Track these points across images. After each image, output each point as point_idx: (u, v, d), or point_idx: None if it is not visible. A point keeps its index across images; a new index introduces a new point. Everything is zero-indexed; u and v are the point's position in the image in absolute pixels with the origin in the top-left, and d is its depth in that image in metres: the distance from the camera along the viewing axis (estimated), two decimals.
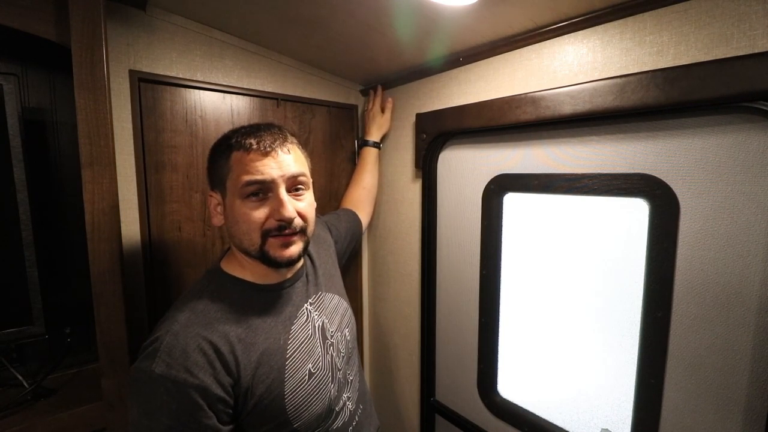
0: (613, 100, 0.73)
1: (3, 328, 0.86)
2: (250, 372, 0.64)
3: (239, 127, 0.71)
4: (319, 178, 1.32)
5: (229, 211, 0.68)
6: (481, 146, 1.04)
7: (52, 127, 0.99)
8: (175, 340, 0.60)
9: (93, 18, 0.76)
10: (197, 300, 0.66)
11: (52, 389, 0.89)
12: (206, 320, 0.64)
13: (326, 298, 0.83)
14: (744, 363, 0.65)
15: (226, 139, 0.70)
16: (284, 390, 0.66)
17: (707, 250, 0.68)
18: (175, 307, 0.67)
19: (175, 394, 0.56)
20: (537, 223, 0.97)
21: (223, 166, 0.68)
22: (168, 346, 0.59)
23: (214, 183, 0.71)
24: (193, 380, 0.57)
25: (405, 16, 0.85)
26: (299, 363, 0.70)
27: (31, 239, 0.88)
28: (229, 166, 0.67)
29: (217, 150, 0.70)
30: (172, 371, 0.57)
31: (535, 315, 1.00)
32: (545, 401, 0.97)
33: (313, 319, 0.77)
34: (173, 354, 0.58)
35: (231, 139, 0.68)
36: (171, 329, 0.61)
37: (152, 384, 0.57)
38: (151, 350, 0.59)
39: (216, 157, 0.70)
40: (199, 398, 0.57)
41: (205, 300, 0.66)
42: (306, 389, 0.69)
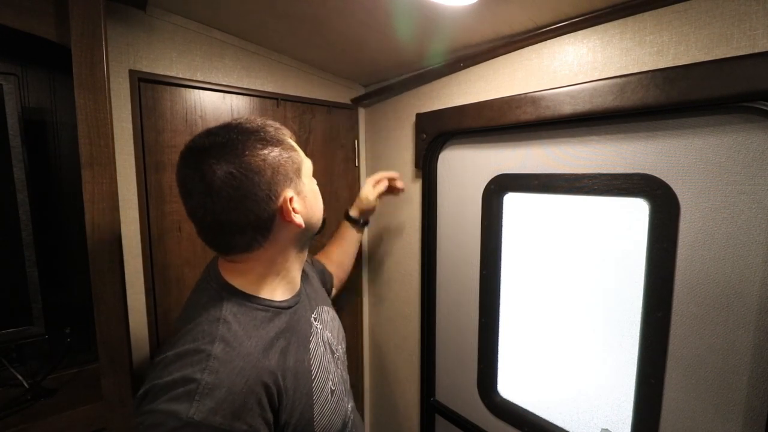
0: (613, 100, 0.73)
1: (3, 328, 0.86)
2: (289, 402, 0.58)
3: (244, 121, 0.62)
4: (319, 178, 1.30)
5: (310, 198, 0.65)
6: (481, 146, 1.04)
7: (52, 127, 0.99)
8: (217, 380, 0.50)
9: (93, 18, 0.76)
10: (221, 325, 0.56)
11: (52, 389, 0.89)
12: (245, 352, 0.54)
13: (324, 310, 0.80)
14: (744, 363, 0.65)
15: (271, 132, 0.61)
16: (313, 413, 0.62)
17: (707, 250, 0.68)
18: (195, 335, 0.55)
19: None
20: (537, 223, 0.97)
21: (294, 158, 0.62)
22: (209, 387, 0.49)
23: (287, 181, 0.61)
24: (242, 426, 0.49)
25: (405, 16, 0.85)
26: (322, 383, 0.66)
27: (31, 239, 0.88)
28: (297, 153, 0.64)
29: (276, 146, 0.60)
30: (218, 417, 0.48)
31: (535, 315, 1.00)
32: (545, 401, 0.97)
33: (321, 334, 0.73)
34: (217, 396, 0.49)
35: (270, 130, 0.62)
36: (209, 367, 0.50)
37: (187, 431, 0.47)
38: (184, 391, 0.48)
39: (283, 155, 0.61)
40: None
41: (231, 326, 0.56)
42: (330, 408, 0.65)
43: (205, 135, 0.58)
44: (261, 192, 0.57)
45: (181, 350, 0.53)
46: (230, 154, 0.55)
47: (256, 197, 0.56)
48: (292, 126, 1.23)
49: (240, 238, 0.59)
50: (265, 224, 0.59)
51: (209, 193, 0.55)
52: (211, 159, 0.55)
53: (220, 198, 0.55)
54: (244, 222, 0.57)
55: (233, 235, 0.59)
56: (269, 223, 0.59)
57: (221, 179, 0.54)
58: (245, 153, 0.56)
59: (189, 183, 0.57)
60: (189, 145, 0.58)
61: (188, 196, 0.58)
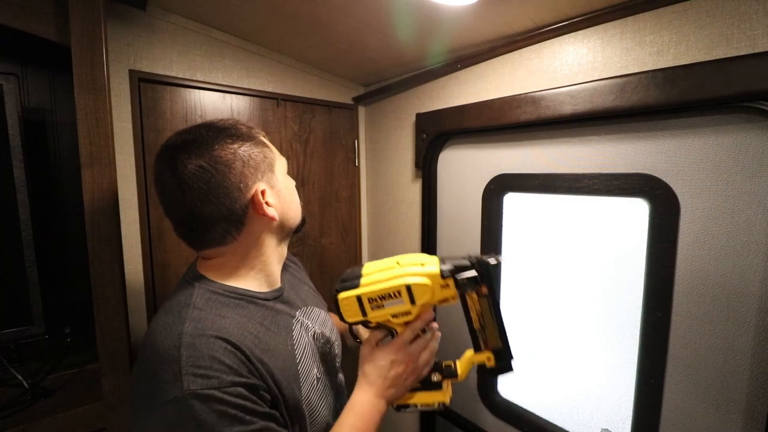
0: (613, 100, 0.73)
1: (3, 328, 0.86)
2: (277, 376, 0.58)
3: (216, 120, 0.63)
4: (319, 178, 1.32)
5: (284, 194, 0.66)
6: (481, 146, 1.04)
7: (52, 127, 0.99)
8: (194, 351, 0.50)
9: (93, 18, 0.76)
10: (193, 310, 0.56)
11: (52, 389, 0.89)
12: (217, 327, 0.55)
13: (315, 311, 0.78)
14: (744, 363, 0.65)
15: (242, 129, 0.63)
16: (302, 394, 0.62)
17: (707, 250, 0.68)
18: (165, 324, 0.55)
19: (225, 400, 0.49)
20: (537, 223, 0.97)
21: (266, 153, 0.64)
22: (190, 359, 0.49)
23: (258, 174, 0.62)
24: (238, 378, 0.51)
25: (405, 16, 0.85)
26: (308, 368, 0.66)
27: (31, 239, 0.88)
28: (269, 149, 0.65)
29: (246, 141, 0.62)
30: (213, 380, 0.49)
31: (535, 315, 1.00)
32: (545, 401, 0.97)
33: (308, 327, 0.72)
34: (201, 364, 0.49)
35: (242, 128, 0.63)
36: (182, 343, 0.51)
37: (193, 407, 0.47)
38: (170, 373, 0.49)
39: (254, 149, 0.62)
40: (249, 393, 0.51)
41: (201, 311, 0.57)
42: (317, 393, 0.66)
43: (177, 134, 0.60)
44: (231, 184, 0.58)
45: (156, 345, 0.53)
46: (200, 149, 0.57)
47: (227, 189, 0.58)
48: (292, 126, 1.23)
49: (213, 231, 0.60)
50: (237, 217, 0.60)
51: (181, 187, 0.57)
52: (182, 154, 0.57)
53: (191, 191, 0.57)
54: (216, 214, 0.58)
55: (207, 228, 0.60)
56: (242, 215, 0.60)
57: (192, 172, 0.56)
58: (215, 147, 0.58)
59: (162, 178, 0.59)
60: (162, 144, 0.61)
61: (162, 191, 0.60)
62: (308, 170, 1.29)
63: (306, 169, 1.28)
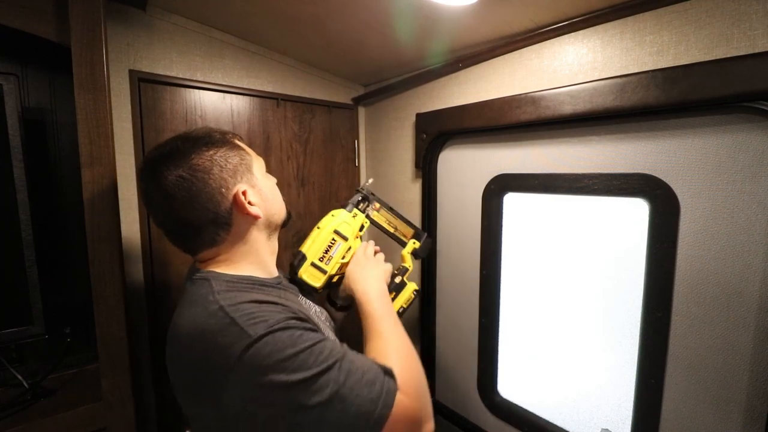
0: (613, 100, 0.73)
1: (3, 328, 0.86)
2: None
3: (190, 130, 0.66)
4: (319, 178, 1.32)
5: (265, 192, 0.68)
6: (481, 146, 1.04)
7: (52, 127, 0.99)
8: (242, 311, 0.52)
9: (93, 18, 0.76)
10: (217, 294, 0.57)
11: (52, 389, 0.89)
12: (246, 298, 0.56)
13: (311, 304, 0.80)
14: (744, 363, 0.65)
15: (216, 136, 0.65)
16: None
17: (707, 250, 0.68)
18: (197, 313, 0.55)
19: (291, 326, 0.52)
20: (537, 223, 0.97)
21: (242, 155, 0.66)
22: (243, 317, 0.51)
23: (237, 176, 0.64)
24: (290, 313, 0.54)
25: (405, 16, 0.85)
26: (326, 331, 0.68)
27: (31, 239, 0.87)
28: (245, 152, 0.67)
29: (221, 146, 0.64)
30: (271, 320, 0.51)
31: (535, 315, 1.00)
32: (545, 401, 0.97)
33: (310, 304, 0.77)
34: (254, 316, 0.51)
35: (216, 134, 0.66)
36: (227, 311, 0.52)
37: (267, 344, 0.49)
38: (230, 336, 0.50)
39: (229, 153, 0.64)
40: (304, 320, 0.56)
41: (228, 292, 0.58)
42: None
43: (155, 148, 0.63)
44: (212, 189, 0.61)
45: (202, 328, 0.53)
46: (178, 160, 0.60)
47: (209, 194, 0.60)
48: (292, 126, 1.23)
49: (203, 234, 0.63)
50: (224, 219, 0.62)
51: (166, 198, 0.60)
52: (162, 167, 0.60)
53: (175, 200, 0.60)
54: (203, 219, 0.61)
55: (196, 233, 0.62)
56: (228, 217, 0.63)
57: (173, 183, 0.59)
58: (192, 156, 0.60)
59: (147, 192, 0.62)
60: (143, 160, 0.64)
61: (149, 204, 0.63)
62: (308, 170, 1.29)
63: (306, 169, 1.28)
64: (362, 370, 0.52)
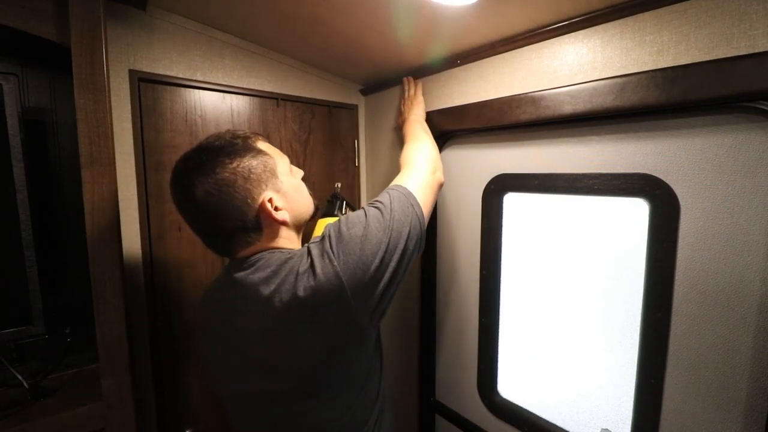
0: (613, 100, 0.73)
1: (3, 328, 0.86)
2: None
3: (213, 140, 0.67)
4: (319, 178, 1.32)
5: (291, 193, 0.70)
6: (481, 146, 1.04)
7: (52, 127, 0.99)
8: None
9: (93, 18, 0.76)
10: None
11: (52, 389, 0.89)
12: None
13: None
14: (744, 363, 0.65)
15: (238, 144, 0.66)
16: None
17: (707, 250, 0.67)
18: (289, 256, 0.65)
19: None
20: (537, 223, 0.97)
21: (265, 162, 0.67)
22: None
23: (261, 185, 0.65)
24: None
25: (405, 16, 0.85)
26: None
27: (31, 239, 0.87)
28: (268, 156, 0.68)
29: (244, 156, 0.65)
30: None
31: (535, 315, 1.00)
32: (545, 401, 0.97)
33: None
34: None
35: (238, 141, 0.66)
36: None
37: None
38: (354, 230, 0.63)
39: (252, 162, 0.65)
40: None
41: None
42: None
43: (182, 161, 0.66)
44: (239, 201, 0.63)
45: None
46: (204, 175, 0.62)
47: (236, 206, 0.63)
48: (292, 126, 1.23)
49: (235, 239, 0.66)
50: (253, 225, 0.65)
51: (196, 210, 0.64)
52: (188, 181, 0.63)
53: (204, 212, 0.63)
54: (232, 228, 0.64)
55: (228, 238, 0.66)
56: (256, 223, 0.65)
57: (201, 198, 0.62)
58: (216, 170, 0.62)
59: (180, 203, 0.66)
60: (173, 171, 0.66)
61: (183, 213, 0.66)
62: (308, 170, 1.29)
63: (306, 169, 1.28)
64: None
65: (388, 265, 0.61)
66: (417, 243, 0.67)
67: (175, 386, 1.04)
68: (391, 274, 0.61)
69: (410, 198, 0.69)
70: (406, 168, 0.81)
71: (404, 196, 0.69)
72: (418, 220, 0.67)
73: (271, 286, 0.61)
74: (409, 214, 0.66)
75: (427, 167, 0.80)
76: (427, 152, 0.86)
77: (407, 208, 0.67)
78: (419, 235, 0.67)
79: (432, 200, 0.77)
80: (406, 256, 0.64)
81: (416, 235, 0.66)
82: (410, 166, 0.81)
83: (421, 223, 0.68)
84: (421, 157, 0.83)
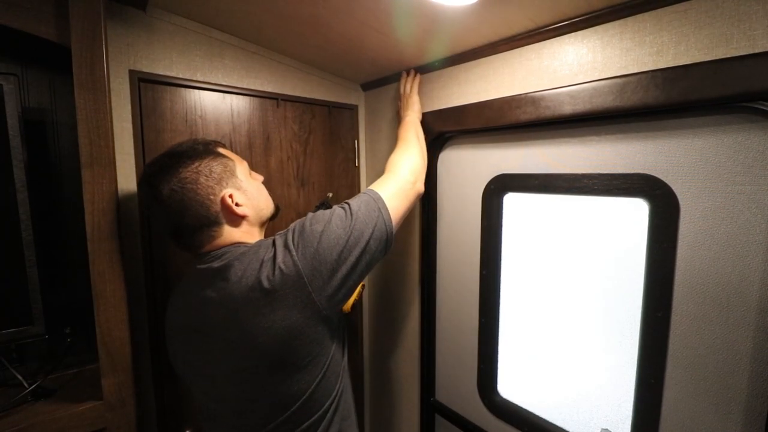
0: (613, 100, 0.73)
1: (3, 328, 0.86)
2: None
3: (176, 145, 0.75)
4: (319, 178, 1.32)
5: (250, 191, 0.78)
6: (481, 146, 1.04)
7: (52, 127, 0.99)
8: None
9: (93, 18, 0.76)
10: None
11: (52, 389, 0.89)
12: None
13: None
14: (744, 363, 0.65)
15: (199, 148, 0.74)
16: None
17: (707, 250, 0.68)
18: (252, 260, 0.70)
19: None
20: (537, 223, 0.97)
21: (225, 163, 0.76)
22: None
23: (222, 182, 0.73)
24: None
25: (405, 16, 0.85)
26: None
27: (31, 239, 0.87)
28: (227, 159, 0.76)
29: (204, 158, 0.73)
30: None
31: (535, 315, 1.00)
32: (545, 401, 0.97)
33: None
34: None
35: (199, 146, 0.75)
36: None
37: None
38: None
39: (212, 163, 0.74)
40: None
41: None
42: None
43: (148, 165, 0.74)
44: (201, 197, 0.70)
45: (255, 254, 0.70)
46: (169, 175, 0.70)
47: (199, 201, 0.70)
48: (292, 126, 1.23)
49: (201, 234, 0.72)
50: (215, 220, 0.72)
51: (162, 208, 0.70)
52: (155, 182, 0.70)
53: (171, 209, 0.70)
54: (197, 224, 0.71)
55: (194, 234, 0.72)
56: (217, 218, 0.72)
57: (167, 195, 0.69)
58: (179, 170, 0.70)
59: (147, 204, 0.74)
60: (141, 175, 0.74)
61: (151, 213, 0.75)
62: (308, 170, 1.29)
63: (306, 169, 1.28)
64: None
65: (346, 259, 0.68)
66: (381, 244, 0.74)
67: (175, 386, 1.04)
68: (349, 268, 0.68)
69: (379, 202, 0.76)
70: (387, 173, 0.89)
71: (373, 201, 0.76)
72: (384, 224, 0.74)
73: (237, 272, 0.67)
74: (374, 218, 0.73)
75: (407, 177, 0.87)
76: (412, 162, 0.92)
77: (373, 212, 0.74)
78: (384, 237, 0.74)
79: (405, 207, 0.84)
80: (367, 254, 0.71)
81: (380, 237, 0.73)
82: (391, 173, 0.88)
83: (387, 226, 0.75)
84: (404, 166, 0.89)
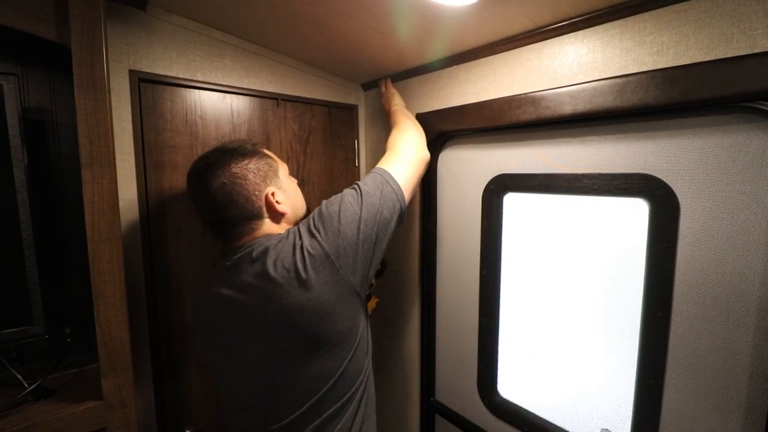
0: (613, 100, 0.73)
1: (3, 328, 0.86)
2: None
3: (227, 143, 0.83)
4: (319, 178, 1.32)
5: (289, 192, 0.85)
6: (481, 146, 1.04)
7: (52, 127, 0.99)
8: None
9: (93, 18, 0.76)
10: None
11: (52, 389, 0.89)
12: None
13: None
14: (744, 363, 0.65)
15: (248, 148, 0.81)
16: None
17: (707, 250, 0.68)
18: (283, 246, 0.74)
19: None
20: (537, 223, 0.97)
21: (270, 163, 0.83)
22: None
23: (267, 180, 0.80)
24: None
25: (405, 16, 0.85)
26: None
27: (31, 239, 0.87)
28: (272, 159, 0.84)
29: (253, 157, 0.80)
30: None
31: (535, 315, 1.00)
32: (545, 401, 0.97)
33: None
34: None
35: (248, 146, 0.82)
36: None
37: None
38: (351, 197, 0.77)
39: (260, 162, 0.80)
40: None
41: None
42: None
43: (201, 159, 0.80)
44: (248, 192, 0.77)
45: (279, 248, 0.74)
46: (221, 169, 0.76)
47: (245, 196, 0.76)
48: (292, 126, 1.23)
49: (243, 227, 0.78)
50: (257, 214, 0.78)
51: (211, 200, 0.76)
52: (208, 175, 0.76)
53: (218, 202, 0.75)
54: (240, 216, 0.77)
55: (236, 226, 0.78)
56: (260, 213, 0.79)
57: (217, 188, 0.75)
58: (231, 165, 0.76)
59: (196, 196, 0.79)
60: (191, 169, 0.80)
61: (197, 205, 0.80)
62: (308, 170, 1.29)
63: (306, 169, 1.28)
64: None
65: (365, 232, 0.73)
66: (395, 213, 0.79)
67: (175, 386, 1.04)
68: (371, 240, 0.74)
69: (385, 175, 0.82)
70: (388, 151, 0.94)
71: (379, 174, 0.82)
72: (395, 193, 0.79)
73: (272, 257, 0.71)
74: (383, 189, 0.79)
75: (406, 148, 0.92)
76: (408, 134, 0.98)
77: (382, 185, 0.79)
78: (396, 206, 0.79)
79: (411, 173, 0.88)
80: (383, 223, 0.76)
81: (392, 206, 0.78)
82: (392, 150, 0.93)
83: (398, 194, 0.80)
84: (402, 140, 0.95)
